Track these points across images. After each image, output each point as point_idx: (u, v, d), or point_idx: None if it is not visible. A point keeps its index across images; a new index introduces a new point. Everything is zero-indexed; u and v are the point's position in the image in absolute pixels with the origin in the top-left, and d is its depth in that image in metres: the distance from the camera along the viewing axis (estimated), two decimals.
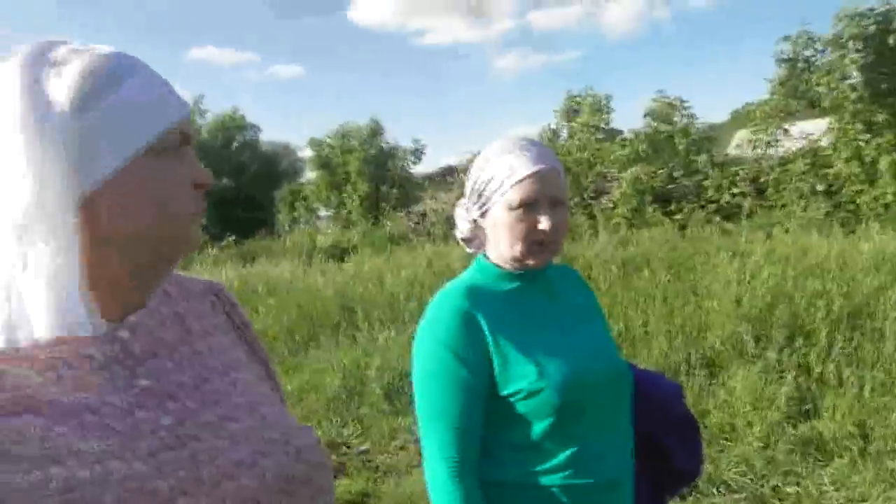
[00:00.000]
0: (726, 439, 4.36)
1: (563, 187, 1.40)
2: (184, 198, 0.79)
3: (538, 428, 1.32)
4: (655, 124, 12.59)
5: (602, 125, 13.59)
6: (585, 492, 1.33)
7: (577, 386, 1.32)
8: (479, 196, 1.43)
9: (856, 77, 10.05)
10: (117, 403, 0.74)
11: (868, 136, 9.85)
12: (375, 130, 19.74)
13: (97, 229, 0.74)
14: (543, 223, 1.36)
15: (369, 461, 4.23)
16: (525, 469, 1.34)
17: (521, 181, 1.36)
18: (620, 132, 14.14)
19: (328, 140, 20.18)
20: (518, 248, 1.38)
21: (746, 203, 10.31)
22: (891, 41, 9.60)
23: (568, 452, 1.32)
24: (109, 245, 0.75)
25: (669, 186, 12.20)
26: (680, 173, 12.32)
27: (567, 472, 1.32)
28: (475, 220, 1.47)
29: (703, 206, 11.18)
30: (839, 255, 6.56)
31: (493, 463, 1.35)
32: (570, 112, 15.16)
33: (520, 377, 1.32)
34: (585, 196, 12.93)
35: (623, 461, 1.40)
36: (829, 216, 9.50)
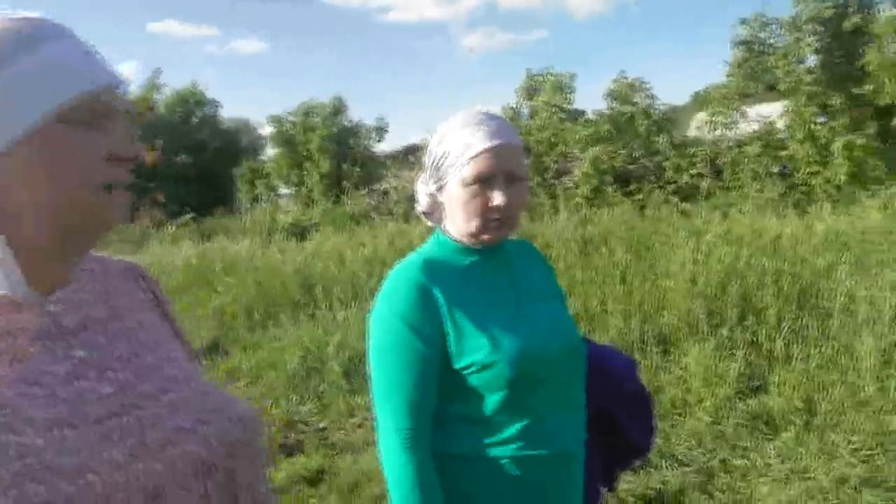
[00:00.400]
0: (679, 414, 4.46)
1: (521, 163, 1.40)
2: (92, 169, 0.77)
3: (491, 401, 1.33)
4: (617, 105, 12.68)
5: (564, 105, 13.63)
6: (537, 464, 1.35)
7: (530, 360, 1.33)
8: (437, 170, 1.43)
9: (812, 60, 10.23)
10: (58, 372, 0.75)
11: (822, 118, 10.06)
12: (338, 108, 19.52)
13: (4, 196, 0.74)
14: (498, 199, 1.35)
15: (326, 438, 4.23)
16: (477, 441, 1.35)
17: (476, 156, 1.36)
18: (583, 113, 14.21)
19: (290, 117, 19.91)
20: (473, 224, 1.38)
21: (704, 184, 10.47)
22: (847, 25, 9.78)
23: (520, 426, 1.34)
24: (19, 213, 0.74)
25: (630, 167, 12.32)
26: (640, 154, 12.45)
27: (519, 445, 1.33)
28: (433, 195, 1.46)
29: (662, 187, 11.32)
30: (791, 235, 6.71)
31: (445, 435, 1.36)
32: (531, 91, 15.18)
33: (474, 350, 1.33)
34: (547, 176, 13.00)
35: (575, 435, 1.42)
36: (783, 197, 9.70)
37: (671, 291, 5.79)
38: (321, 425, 4.47)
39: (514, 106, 15.66)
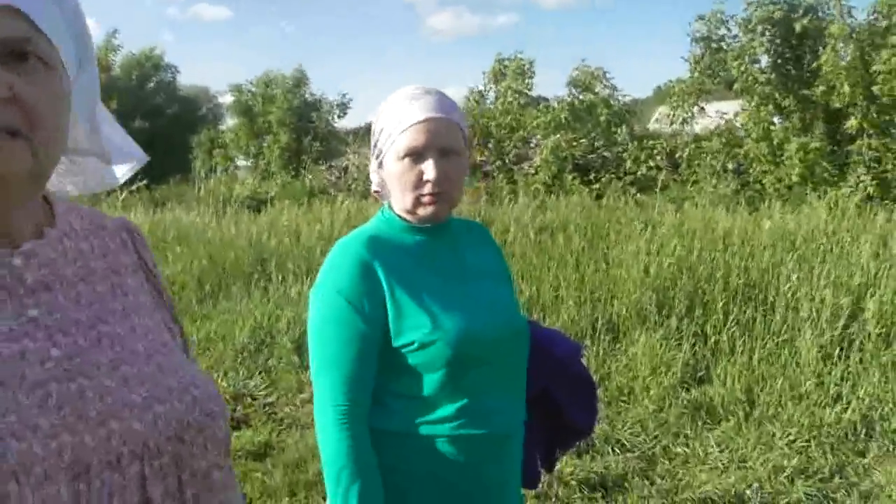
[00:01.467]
0: (625, 402, 4.54)
1: (457, 137, 1.39)
2: None
3: (429, 380, 1.34)
4: (577, 93, 12.76)
5: (525, 90, 13.65)
6: (473, 444, 1.36)
7: (470, 341, 1.33)
8: (376, 146, 1.42)
9: (765, 60, 10.43)
10: (2, 329, 0.70)
11: (776, 118, 10.27)
12: (300, 80, 19.22)
13: None
14: (429, 173, 1.35)
15: (274, 413, 4.21)
16: (414, 419, 1.35)
17: (407, 130, 1.35)
18: (546, 99, 14.25)
19: (250, 87, 19.55)
20: (408, 198, 1.38)
21: (661, 177, 10.62)
22: (797, 27, 9.97)
23: (458, 405, 1.34)
24: None
25: (589, 156, 12.43)
26: (600, 144, 12.56)
27: (456, 424, 1.34)
28: (378, 171, 1.46)
29: (620, 178, 11.45)
30: (742, 231, 6.86)
31: (384, 411, 1.36)
32: (499, 75, 15.16)
33: (414, 329, 1.33)
34: (507, 161, 13.03)
35: (513, 416, 1.43)
36: (737, 194, 9.90)
37: (623, 281, 5.87)
38: (269, 400, 4.44)
39: (481, 89, 15.62)
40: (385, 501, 1.32)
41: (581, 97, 13.08)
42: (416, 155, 1.36)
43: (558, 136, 12.41)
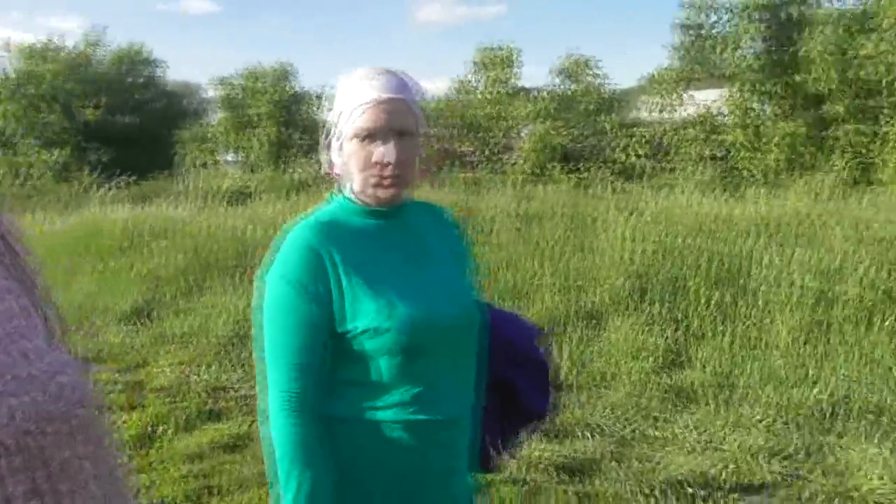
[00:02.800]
0: (605, 387, 4.57)
1: (412, 119, 1.38)
2: None
3: (381, 366, 1.33)
4: (563, 82, 12.77)
5: (511, 80, 13.64)
6: (422, 429, 1.36)
7: (425, 328, 1.33)
8: (336, 126, 1.41)
9: (753, 48, 10.45)
10: None
11: (761, 105, 10.31)
12: (286, 73, 19.13)
13: None
14: (388, 155, 1.34)
15: (249, 405, 4.21)
16: (364, 405, 1.35)
17: (360, 110, 1.34)
18: (532, 89, 14.25)
19: (235, 81, 19.44)
20: (362, 179, 1.37)
21: (646, 165, 10.66)
22: (784, 15, 10.00)
23: (408, 391, 1.34)
24: None
25: (575, 145, 12.44)
26: (586, 133, 12.57)
27: (405, 410, 1.34)
28: (339, 153, 1.44)
29: (605, 166, 11.47)
30: (723, 217, 6.89)
31: (335, 398, 1.36)
32: (487, 66, 15.14)
33: (366, 315, 1.32)
34: (492, 150, 13.04)
35: (463, 402, 1.42)
36: (720, 180, 9.94)
37: (604, 268, 5.90)
38: (245, 392, 4.44)
39: (464, 79, 15.60)
40: (335, 489, 1.33)
41: (567, 86, 13.08)
42: (373, 136, 1.35)
43: (545, 125, 12.43)
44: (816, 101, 10.11)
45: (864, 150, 9.48)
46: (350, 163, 1.37)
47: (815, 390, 4.18)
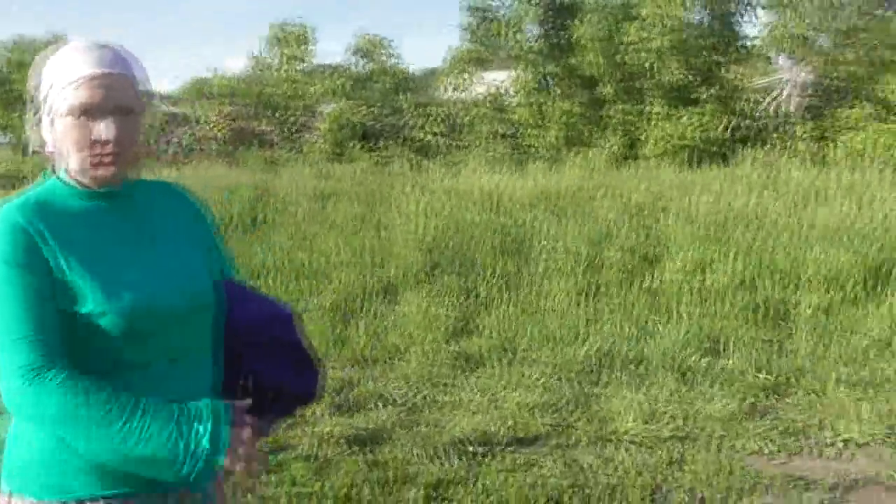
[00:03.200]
0: (399, 359, 4.71)
1: (131, 95, 1.33)
2: None
3: (104, 351, 1.29)
4: (358, 62, 12.83)
5: (307, 58, 13.46)
6: None
7: (145, 311, 1.29)
8: (45, 102, 1.32)
9: (535, 30, 11.13)
10: None
11: (543, 85, 11.03)
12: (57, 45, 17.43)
13: None
14: (101, 131, 1.28)
15: None
16: None
17: (81, 86, 1.28)
18: (328, 66, 14.13)
19: (1, 53, 17.45)
20: (79, 160, 1.31)
21: (440, 142, 11.02)
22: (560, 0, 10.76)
23: (130, 376, 1.31)
24: None
25: (373, 124, 12.56)
26: (384, 112, 12.73)
27: (135, 394, 1.30)
28: (50, 131, 1.36)
29: (403, 144, 11.71)
30: (508, 192, 7.32)
31: None
32: (281, 43, 14.78)
33: (85, 299, 1.26)
34: (290, 129, 12.83)
35: (197, 384, 1.39)
36: (508, 156, 10.51)
37: (398, 244, 6.05)
38: None
39: (260, 57, 15.15)
40: (63, 476, 1.28)
41: (363, 66, 13.14)
42: (87, 112, 1.28)
43: (342, 103, 12.41)
44: (592, 82, 10.97)
45: (632, 128, 10.47)
46: (65, 141, 1.29)
47: (585, 347, 4.60)
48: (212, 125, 13.96)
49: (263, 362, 1.53)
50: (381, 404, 3.97)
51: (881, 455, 3.38)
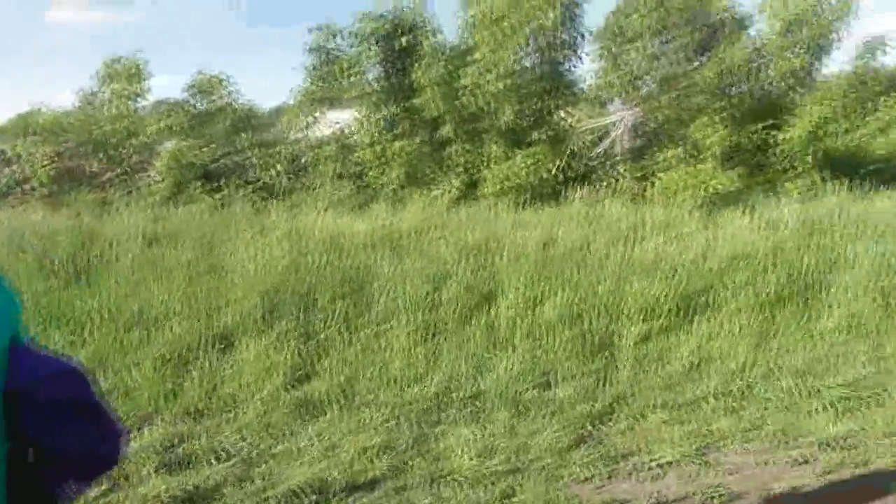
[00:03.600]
0: (235, 409, 4.55)
1: None
2: None
3: None
4: (195, 99, 12.44)
5: (140, 94, 12.88)
6: None
7: None
8: None
9: (375, 72, 11.33)
10: None
11: (385, 126, 11.20)
12: None
13: None
14: None
15: None
16: None
17: None
18: (164, 102, 13.58)
19: None
20: None
21: (283, 183, 10.87)
22: (403, 42, 11.02)
23: None
24: None
25: (213, 165, 12.16)
26: (225, 151, 12.37)
27: None
28: None
29: (245, 185, 11.42)
30: (350, 232, 7.33)
31: None
32: (112, 77, 14.03)
33: None
34: (124, 169, 12.17)
35: None
36: (352, 197, 10.54)
37: (235, 289, 5.88)
38: None
39: (90, 93, 14.29)
40: None
41: (202, 103, 12.73)
42: None
43: (180, 142, 11.95)
44: (434, 124, 11.29)
45: (472, 168, 10.85)
46: None
47: (425, 386, 4.67)
48: (34, 164, 12.97)
49: (44, 426, 1.43)
50: (213, 459, 3.82)
51: (691, 474, 3.67)
